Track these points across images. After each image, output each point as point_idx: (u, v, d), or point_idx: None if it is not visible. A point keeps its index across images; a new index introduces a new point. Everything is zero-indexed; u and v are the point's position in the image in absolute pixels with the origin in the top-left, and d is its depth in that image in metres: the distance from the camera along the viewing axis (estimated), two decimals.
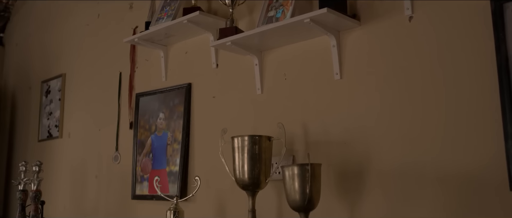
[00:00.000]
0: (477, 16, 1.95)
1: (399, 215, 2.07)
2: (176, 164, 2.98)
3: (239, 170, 2.25)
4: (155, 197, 3.08)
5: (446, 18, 2.03)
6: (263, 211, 2.37)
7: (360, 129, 2.22)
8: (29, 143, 4.44)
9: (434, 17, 2.06)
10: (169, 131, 3.08)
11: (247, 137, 2.23)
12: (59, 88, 4.17)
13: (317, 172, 2.01)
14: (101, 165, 3.61)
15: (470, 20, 1.96)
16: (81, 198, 3.76)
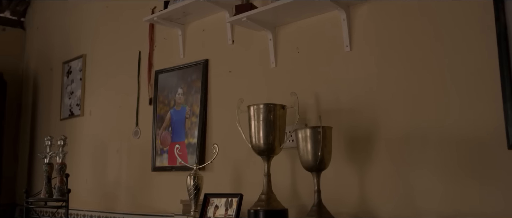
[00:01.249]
0: None
1: (404, 177, 2.21)
2: (194, 136, 3.14)
3: (255, 136, 2.40)
4: (175, 168, 3.24)
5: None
6: (277, 175, 2.52)
7: (368, 97, 2.37)
8: (52, 122, 4.63)
9: None
10: (187, 105, 3.24)
11: (262, 105, 2.38)
12: (80, 68, 4.34)
13: (328, 135, 2.17)
14: (122, 140, 3.78)
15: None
16: (102, 172, 3.93)
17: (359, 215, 2.35)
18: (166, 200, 3.30)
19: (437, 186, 2.13)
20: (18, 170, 5.09)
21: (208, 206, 2.40)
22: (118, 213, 3.72)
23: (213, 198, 2.41)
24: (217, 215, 2.34)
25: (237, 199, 2.33)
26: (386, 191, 2.27)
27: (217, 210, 2.36)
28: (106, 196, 3.87)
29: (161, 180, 3.38)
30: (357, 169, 2.36)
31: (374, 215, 2.30)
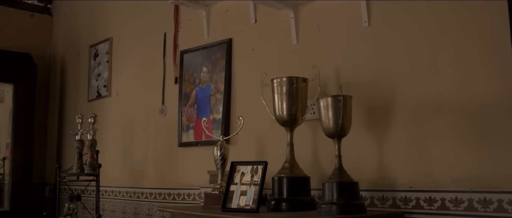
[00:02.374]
0: None
1: (421, 144, 2.34)
2: (219, 112, 3.29)
3: (278, 108, 2.54)
4: (200, 143, 3.40)
5: None
6: (299, 145, 2.65)
7: (386, 70, 2.49)
8: (80, 103, 4.81)
9: None
10: (212, 83, 3.38)
11: (285, 78, 2.51)
12: (107, 51, 4.50)
13: (348, 103, 2.30)
14: (148, 118, 3.95)
15: None
16: (130, 149, 4.10)
17: (377, 182, 2.48)
18: (192, 174, 3.46)
19: (452, 152, 2.25)
20: (47, 151, 5.29)
21: (235, 173, 2.54)
22: (146, 188, 3.89)
23: (240, 165, 2.55)
24: (244, 181, 2.49)
25: (262, 166, 2.47)
26: (403, 158, 2.40)
27: (243, 177, 2.50)
28: (133, 172, 4.04)
29: (187, 155, 3.54)
30: (376, 138, 2.49)
31: (392, 182, 2.43)
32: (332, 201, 2.24)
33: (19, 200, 4.60)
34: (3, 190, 5.04)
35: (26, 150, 4.67)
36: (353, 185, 2.27)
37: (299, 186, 2.47)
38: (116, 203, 4.19)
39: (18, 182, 4.61)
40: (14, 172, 4.61)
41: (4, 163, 5.15)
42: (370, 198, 2.48)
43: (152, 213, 3.80)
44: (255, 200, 2.40)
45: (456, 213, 2.20)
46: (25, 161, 4.65)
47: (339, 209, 2.20)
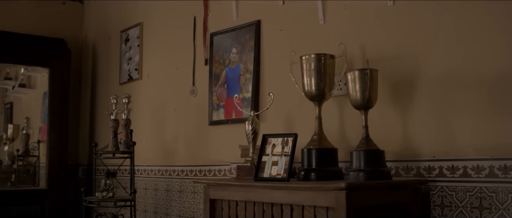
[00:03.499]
0: None
1: (443, 116, 2.46)
2: (248, 91, 3.44)
3: (307, 84, 2.67)
4: (230, 121, 3.55)
5: None
6: (327, 119, 2.78)
7: (410, 45, 2.61)
8: (111, 86, 4.99)
9: None
10: (241, 63, 3.53)
11: (313, 55, 2.64)
12: (137, 35, 4.67)
13: (374, 76, 2.44)
14: (179, 99, 4.11)
15: None
16: (161, 129, 4.28)
17: (402, 153, 2.61)
18: (223, 151, 3.61)
19: (473, 122, 2.37)
20: (79, 133, 5.50)
21: (266, 145, 2.69)
22: (177, 166, 4.06)
23: (271, 138, 2.69)
24: (275, 153, 2.63)
25: (292, 138, 2.61)
26: (427, 129, 2.52)
27: (275, 148, 2.65)
28: (165, 151, 4.22)
29: (218, 132, 3.69)
30: (400, 111, 2.62)
31: (415, 152, 2.56)
32: (360, 168, 2.38)
33: (55, 180, 4.81)
34: (38, 171, 5.29)
35: (61, 132, 4.87)
36: (379, 153, 2.40)
37: (327, 157, 2.60)
38: (148, 182, 4.37)
39: (54, 162, 4.82)
40: (51, 153, 4.82)
41: (39, 145, 5.39)
42: (395, 168, 2.61)
43: (183, 189, 3.98)
44: (286, 169, 2.55)
45: (478, 179, 2.32)
46: (60, 143, 4.86)
47: (367, 175, 2.34)
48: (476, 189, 2.33)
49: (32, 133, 5.46)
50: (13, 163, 5.35)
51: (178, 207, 4.02)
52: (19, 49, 4.74)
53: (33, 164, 5.40)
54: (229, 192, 2.74)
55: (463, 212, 2.36)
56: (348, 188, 2.12)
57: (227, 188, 2.76)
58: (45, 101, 5.27)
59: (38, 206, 4.69)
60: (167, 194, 4.14)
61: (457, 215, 2.38)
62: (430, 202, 2.46)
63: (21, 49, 4.75)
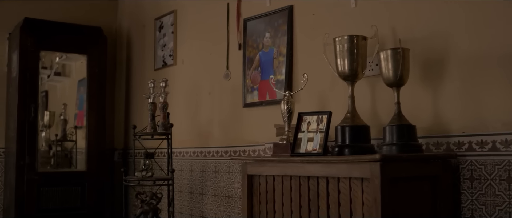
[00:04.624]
0: None
1: (472, 93, 2.57)
2: (282, 73, 3.58)
3: (340, 64, 2.79)
4: (264, 103, 3.70)
5: None
6: (359, 98, 2.91)
7: (439, 26, 2.72)
8: (146, 72, 5.17)
9: None
10: (274, 47, 3.66)
11: (346, 36, 2.76)
12: (172, 22, 4.83)
13: (406, 55, 2.56)
14: (213, 83, 4.27)
15: None
16: (196, 112, 4.44)
17: (432, 129, 2.72)
18: (257, 132, 3.76)
19: (502, 99, 2.47)
20: (115, 118, 5.70)
21: (302, 122, 2.83)
22: (212, 147, 4.23)
23: (306, 116, 2.83)
24: (310, 129, 2.77)
25: (326, 116, 2.74)
26: (456, 106, 2.63)
27: (310, 126, 2.78)
28: (200, 133, 4.38)
29: (252, 114, 3.84)
30: (430, 88, 2.73)
31: (445, 128, 2.67)
32: (392, 142, 2.51)
33: (94, 162, 5.01)
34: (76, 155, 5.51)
35: (99, 117, 5.07)
36: (411, 128, 2.53)
37: (360, 133, 2.72)
38: (183, 163, 4.55)
39: (93, 145, 5.02)
40: (89, 137, 5.03)
41: (76, 131, 5.60)
42: (426, 144, 2.72)
43: (218, 169, 4.14)
44: (321, 145, 2.69)
45: (506, 153, 2.43)
46: (98, 127, 5.06)
47: (399, 149, 2.47)
48: (504, 162, 2.44)
49: (68, 119, 5.67)
50: (50, 148, 5.56)
51: (213, 186, 4.18)
52: (59, 37, 4.94)
53: (69, 149, 5.62)
54: (266, 167, 2.89)
55: (491, 184, 2.47)
56: (382, 160, 2.25)
57: (264, 164, 2.91)
58: (80, 89, 5.48)
59: (78, 187, 4.90)
60: (202, 175, 4.31)
61: (486, 188, 2.49)
62: (459, 175, 2.58)
63: (61, 37, 4.95)
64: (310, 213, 2.61)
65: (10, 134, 4.90)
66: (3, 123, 5.11)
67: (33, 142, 4.73)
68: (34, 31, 4.79)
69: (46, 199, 4.75)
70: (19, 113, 4.68)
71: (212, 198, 4.19)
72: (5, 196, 5.00)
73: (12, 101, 4.85)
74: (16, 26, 4.91)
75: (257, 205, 2.97)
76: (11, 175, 4.75)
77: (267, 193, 2.90)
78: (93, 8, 5.63)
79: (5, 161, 5.07)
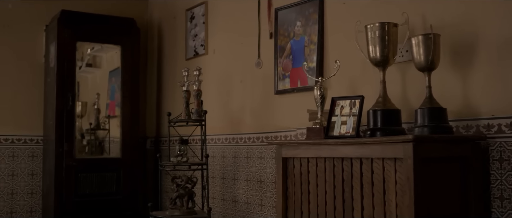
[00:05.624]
0: None
1: (502, 77, 2.66)
2: (313, 60, 3.69)
3: (372, 50, 2.90)
4: (296, 90, 3.82)
5: None
6: (390, 84, 3.00)
7: (469, 14, 2.80)
8: (178, 62, 5.32)
9: None
10: (305, 35, 3.78)
11: (378, 23, 2.87)
12: (203, 13, 4.97)
13: (437, 40, 2.66)
14: (245, 71, 4.39)
15: None
16: (228, 100, 4.58)
17: (461, 112, 2.82)
18: (289, 118, 3.88)
19: None
20: (146, 107, 5.86)
21: (335, 107, 2.94)
22: (244, 134, 4.36)
23: (339, 100, 2.95)
24: (343, 113, 2.89)
25: (359, 100, 2.85)
26: (486, 90, 2.72)
27: (343, 110, 2.90)
28: (232, 120, 4.52)
29: (283, 101, 3.97)
30: (460, 73, 2.82)
31: (475, 111, 2.76)
32: (424, 124, 2.61)
33: (128, 149, 5.19)
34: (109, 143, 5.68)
35: (133, 105, 5.24)
36: (442, 111, 2.63)
37: (392, 117, 2.83)
38: (215, 149, 4.69)
39: (127, 133, 5.20)
40: (124, 125, 5.20)
41: (109, 120, 5.78)
42: (456, 127, 2.82)
43: (250, 155, 4.27)
44: (354, 128, 2.80)
45: None
46: (132, 115, 5.23)
47: (430, 130, 2.57)
48: None
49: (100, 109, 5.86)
50: (82, 137, 5.74)
51: (245, 172, 4.32)
52: (95, 29, 5.12)
53: (101, 138, 5.80)
54: (301, 150, 3.01)
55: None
56: (415, 140, 2.35)
57: (299, 147, 3.03)
58: (111, 79, 5.67)
59: (114, 173, 5.08)
60: (235, 161, 4.45)
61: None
62: (489, 157, 2.67)
63: (96, 29, 5.12)
64: (344, 193, 2.74)
65: (48, 123, 5.09)
66: (41, 112, 5.31)
67: (70, 130, 4.92)
68: (71, 23, 4.97)
69: (83, 184, 4.93)
70: (58, 102, 4.87)
71: (244, 182, 4.33)
72: (43, 181, 5.21)
73: (50, 90, 5.04)
74: (53, 19, 5.10)
75: (291, 187, 3.10)
76: (50, 161, 4.95)
77: (301, 175, 3.02)
78: (125, 0, 5.79)
79: (43, 149, 5.28)
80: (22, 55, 5.31)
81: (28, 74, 5.33)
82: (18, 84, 5.28)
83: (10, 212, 5.18)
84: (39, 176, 5.30)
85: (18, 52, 5.29)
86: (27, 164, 5.28)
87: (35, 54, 5.37)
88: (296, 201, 3.06)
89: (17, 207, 5.21)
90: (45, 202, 5.12)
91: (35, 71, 5.35)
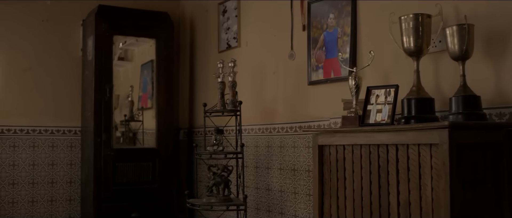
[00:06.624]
0: None
1: None
2: (346, 52, 3.79)
3: (406, 40, 2.99)
4: (329, 80, 3.92)
5: None
6: (424, 74, 3.09)
7: (502, 5, 2.88)
8: (210, 54, 5.46)
9: None
10: (338, 27, 3.88)
11: (412, 14, 2.96)
12: (235, 6, 5.09)
13: (471, 30, 2.74)
14: (278, 63, 4.51)
15: None
16: (260, 91, 4.70)
17: (494, 100, 2.89)
18: (322, 108, 3.99)
19: None
20: (179, 100, 6.02)
21: (371, 96, 3.05)
22: (277, 124, 4.48)
23: (374, 89, 3.05)
24: (378, 102, 2.99)
25: (394, 89, 2.95)
26: None
27: (378, 98, 3.00)
28: (265, 111, 4.65)
29: (317, 91, 4.08)
30: (493, 63, 2.90)
31: (508, 99, 2.84)
32: (458, 111, 2.71)
33: (163, 139, 5.35)
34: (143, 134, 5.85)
35: (167, 97, 5.40)
36: (476, 98, 2.72)
37: (426, 105, 2.92)
38: (249, 139, 4.82)
39: (162, 123, 5.36)
40: (159, 116, 5.36)
41: (142, 112, 5.95)
42: (489, 115, 2.90)
43: (283, 144, 4.39)
44: (389, 115, 2.91)
45: None
46: (167, 106, 5.39)
47: (465, 117, 2.66)
48: None
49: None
50: (116, 129, 5.91)
51: (278, 161, 4.44)
52: (130, 22, 5.27)
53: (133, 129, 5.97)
54: (337, 138, 3.12)
55: None
56: (451, 127, 2.45)
57: (335, 135, 3.15)
58: (143, 72, 5.83)
59: (150, 162, 5.24)
60: (268, 150, 4.57)
61: None
62: None
63: (131, 22, 5.28)
64: (380, 178, 2.84)
65: (86, 114, 5.27)
66: (78, 104, 5.49)
67: (108, 120, 5.10)
68: (108, 17, 5.13)
69: (121, 173, 5.11)
70: (96, 94, 5.04)
71: (278, 171, 4.46)
72: (82, 171, 5.39)
73: (88, 83, 5.21)
74: (90, 13, 5.27)
75: (327, 173, 3.22)
76: (88, 151, 5.13)
77: (338, 161, 3.14)
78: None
79: (82, 139, 5.46)
80: (60, 49, 5.50)
81: (66, 67, 5.51)
82: (57, 77, 5.47)
83: (51, 200, 5.38)
84: (77, 165, 5.49)
85: (56, 46, 5.48)
86: (66, 154, 5.47)
87: (72, 48, 5.56)
88: (332, 187, 3.18)
89: (57, 195, 5.41)
90: (84, 191, 5.31)
91: (72, 64, 5.53)
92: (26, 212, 5.27)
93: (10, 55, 5.31)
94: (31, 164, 5.33)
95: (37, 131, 5.37)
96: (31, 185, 5.31)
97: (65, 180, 5.46)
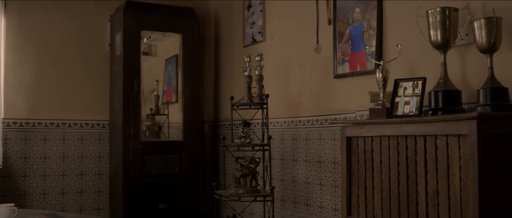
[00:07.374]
0: None
1: None
2: (372, 45, 3.85)
3: (433, 33, 3.05)
4: (355, 73, 3.99)
5: None
6: (451, 66, 3.15)
7: None
8: (235, 49, 5.55)
9: None
10: (364, 21, 3.94)
11: (439, 8, 3.02)
12: (260, 1, 5.17)
13: (499, 23, 2.79)
14: (303, 57, 4.58)
15: None
16: (286, 85, 4.78)
17: None
18: (348, 100, 4.06)
19: None
20: (204, 94, 6.11)
21: (398, 88, 3.11)
22: (303, 117, 4.56)
23: (402, 82, 3.11)
24: (406, 94, 3.05)
25: (421, 81, 3.01)
26: None
27: (406, 91, 3.06)
28: (291, 104, 4.72)
29: (343, 85, 4.14)
30: None
31: None
32: (486, 103, 2.76)
33: (189, 132, 5.46)
34: (168, 128, 5.96)
35: (193, 90, 5.50)
36: (504, 90, 2.77)
37: (453, 97, 2.98)
38: (274, 132, 4.90)
39: (188, 116, 5.46)
40: (185, 110, 5.47)
41: (167, 106, 6.05)
42: None
43: (309, 137, 4.47)
44: (417, 107, 2.97)
45: None
46: (193, 100, 5.49)
47: (493, 108, 2.72)
48: None
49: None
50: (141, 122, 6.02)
51: (304, 153, 4.52)
52: (157, 18, 5.38)
53: (158, 122, 6.07)
54: (365, 129, 3.19)
55: None
56: (479, 118, 2.51)
57: (363, 127, 3.21)
58: (167, 67, 5.93)
59: (177, 155, 5.35)
60: (294, 142, 4.65)
61: None
62: None
63: (158, 18, 5.38)
64: (408, 169, 2.91)
65: (114, 108, 5.39)
66: (107, 98, 5.62)
67: (137, 114, 5.21)
68: (135, 12, 5.24)
69: (149, 165, 5.22)
70: (124, 88, 5.15)
71: (304, 163, 4.53)
72: (111, 163, 5.52)
73: (116, 77, 5.33)
74: (118, 9, 5.38)
75: (355, 164, 3.29)
76: (117, 144, 5.25)
77: (365, 153, 3.21)
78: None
79: (110, 133, 5.59)
80: (88, 44, 5.62)
81: (94, 62, 5.64)
82: (85, 72, 5.60)
83: (80, 192, 5.51)
84: (105, 158, 5.62)
85: (85, 41, 5.61)
86: (95, 147, 5.60)
87: (100, 43, 5.68)
88: (360, 177, 3.25)
89: (86, 186, 5.55)
90: (113, 182, 5.44)
91: (100, 59, 5.65)
92: (56, 203, 5.41)
93: (40, 51, 5.45)
94: (61, 157, 5.46)
95: (67, 125, 5.51)
96: (62, 177, 5.45)
97: (94, 172, 5.59)
